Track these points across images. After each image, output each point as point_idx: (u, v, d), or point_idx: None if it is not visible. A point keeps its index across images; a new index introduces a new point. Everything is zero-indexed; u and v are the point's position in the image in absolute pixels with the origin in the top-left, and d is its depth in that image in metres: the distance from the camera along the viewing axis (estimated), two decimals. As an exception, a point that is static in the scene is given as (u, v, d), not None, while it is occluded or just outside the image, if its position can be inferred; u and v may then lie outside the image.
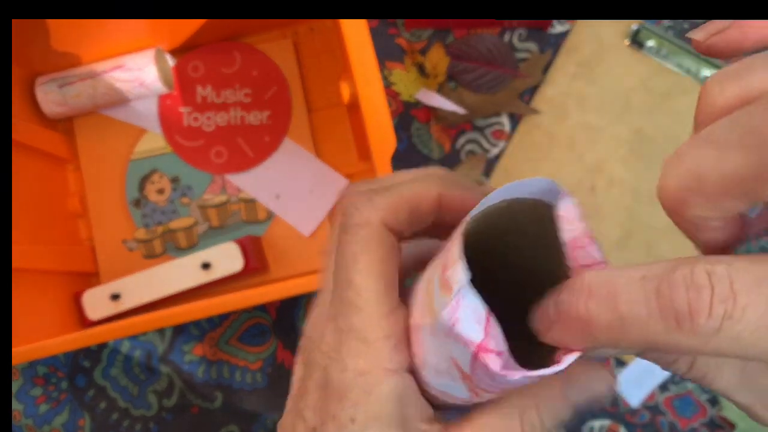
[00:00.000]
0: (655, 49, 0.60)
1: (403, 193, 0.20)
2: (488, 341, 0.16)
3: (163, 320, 0.44)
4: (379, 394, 0.19)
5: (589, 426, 0.58)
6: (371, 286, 0.20)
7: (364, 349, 0.19)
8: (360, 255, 0.20)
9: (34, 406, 0.60)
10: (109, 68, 0.59)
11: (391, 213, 0.20)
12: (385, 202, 0.20)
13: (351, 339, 0.20)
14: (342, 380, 0.20)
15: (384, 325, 0.20)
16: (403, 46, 0.62)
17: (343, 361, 0.20)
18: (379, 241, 0.20)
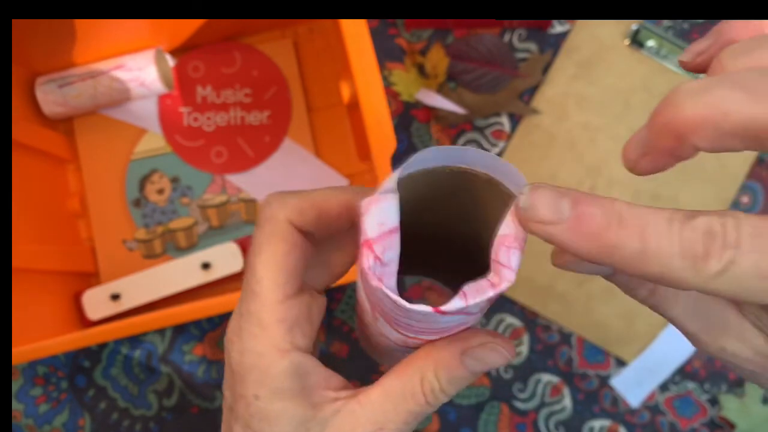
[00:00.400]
0: (655, 49, 0.60)
1: (313, 197, 0.22)
2: (378, 244, 0.18)
3: (163, 320, 0.44)
4: (277, 371, 0.21)
5: (589, 426, 0.58)
6: (269, 275, 0.21)
7: (259, 332, 0.21)
8: (263, 246, 0.22)
9: (34, 406, 0.60)
10: (109, 68, 0.59)
11: (297, 212, 0.22)
12: (293, 202, 0.22)
13: (249, 323, 0.22)
14: (242, 362, 0.22)
15: (278, 309, 0.21)
16: (403, 46, 0.62)
17: (242, 343, 0.22)
18: (282, 236, 0.22)
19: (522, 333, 0.59)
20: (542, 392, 0.58)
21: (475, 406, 0.58)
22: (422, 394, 0.22)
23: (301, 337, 0.22)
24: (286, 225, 0.22)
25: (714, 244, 0.15)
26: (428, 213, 0.23)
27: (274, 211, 0.22)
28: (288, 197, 0.22)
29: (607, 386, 0.58)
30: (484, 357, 0.21)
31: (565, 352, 0.58)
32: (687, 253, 0.15)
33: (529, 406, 0.58)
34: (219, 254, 0.56)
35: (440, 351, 0.22)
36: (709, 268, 0.15)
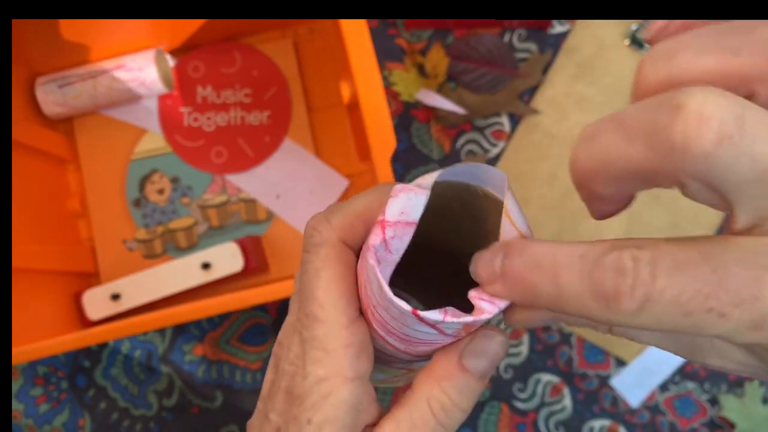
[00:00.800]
0: (655, 49, 0.60)
1: (356, 209, 0.22)
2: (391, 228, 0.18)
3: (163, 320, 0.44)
4: (336, 399, 0.21)
5: (589, 426, 0.58)
6: (332, 300, 0.21)
7: (324, 357, 0.21)
8: (321, 272, 0.22)
9: (34, 406, 0.60)
10: (110, 68, 0.59)
11: (347, 230, 0.22)
12: (340, 220, 0.22)
13: (314, 348, 0.21)
14: (304, 386, 0.21)
15: (344, 335, 0.21)
16: (403, 46, 0.62)
17: (305, 368, 0.22)
18: (338, 259, 0.22)
19: (522, 333, 0.59)
20: (542, 392, 0.58)
21: (475, 406, 0.58)
22: (432, 416, 0.21)
23: (365, 363, 0.22)
24: (340, 246, 0.22)
25: (624, 282, 0.14)
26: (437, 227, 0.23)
27: (324, 234, 0.22)
28: (332, 216, 0.22)
29: (607, 386, 0.58)
30: (482, 348, 0.21)
31: (565, 352, 0.58)
32: (597, 294, 0.14)
33: (529, 406, 0.58)
34: (219, 254, 0.56)
35: (438, 365, 0.21)
36: (623, 307, 0.14)
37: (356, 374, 0.21)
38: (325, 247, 0.22)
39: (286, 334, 0.23)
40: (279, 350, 0.23)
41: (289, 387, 0.22)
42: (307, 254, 0.22)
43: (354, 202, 0.22)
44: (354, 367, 0.21)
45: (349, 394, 0.21)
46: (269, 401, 0.23)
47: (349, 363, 0.21)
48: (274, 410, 0.23)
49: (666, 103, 0.13)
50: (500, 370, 0.59)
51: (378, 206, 0.22)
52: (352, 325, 0.21)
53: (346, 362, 0.21)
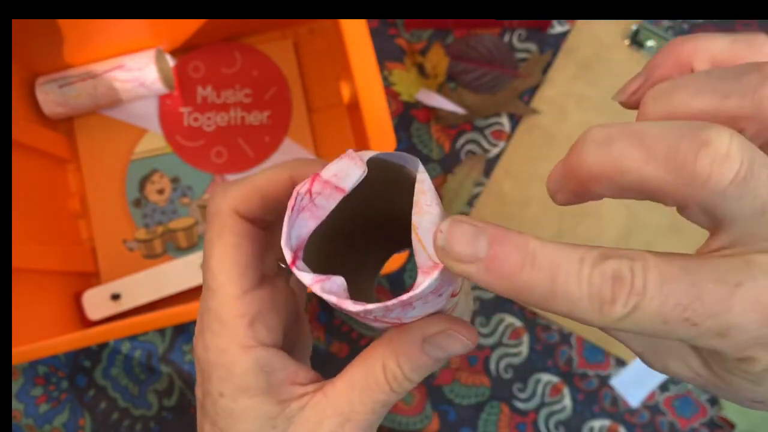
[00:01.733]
0: (655, 49, 0.60)
1: (255, 182, 0.22)
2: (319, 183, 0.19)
3: (164, 320, 0.44)
4: (240, 369, 0.21)
5: (589, 426, 0.58)
6: (224, 271, 0.21)
7: (220, 328, 0.21)
8: (214, 241, 0.22)
9: (34, 406, 0.60)
10: (110, 68, 0.59)
11: (242, 201, 0.22)
12: (236, 192, 0.22)
13: (210, 320, 0.22)
14: (207, 359, 0.22)
15: (237, 305, 0.21)
16: (403, 46, 0.62)
17: (204, 340, 0.22)
18: (230, 229, 0.22)
19: (522, 333, 0.59)
20: (542, 392, 0.58)
21: (475, 406, 0.58)
22: (386, 383, 0.22)
23: (265, 331, 0.22)
24: (232, 216, 0.22)
25: (621, 289, 0.15)
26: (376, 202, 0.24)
27: (218, 204, 0.22)
28: (230, 187, 0.22)
29: (607, 386, 0.58)
30: (444, 344, 0.21)
31: (565, 351, 0.58)
32: (594, 298, 0.15)
33: (529, 406, 0.58)
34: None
35: (401, 338, 0.21)
36: (615, 312, 0.15)
37: (256, 342, 0.21)
38: (217, 217, 0.22)
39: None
40: None
41: (198, 360, 0.22)
42: (206, 224, 0.22)
43: (257, 176, 0.22)
44: (250, 335, 0.21)
45: (253, 362, 0.21)
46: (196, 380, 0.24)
47: (244, 332, 0.21)
48: (197, 385, 0.23)
49: (692, 133, 0.15)
50: (500, 370, 0.59)
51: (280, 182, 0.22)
52: (245, 296, 0.21)
53: (241, 332, 0.21)
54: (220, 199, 0.22)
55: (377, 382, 0.22)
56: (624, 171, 0.15)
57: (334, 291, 0.18)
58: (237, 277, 0.21)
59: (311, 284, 0.18)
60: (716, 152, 0.14)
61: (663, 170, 0.15)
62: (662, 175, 0.15)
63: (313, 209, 0.19)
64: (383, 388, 0.22)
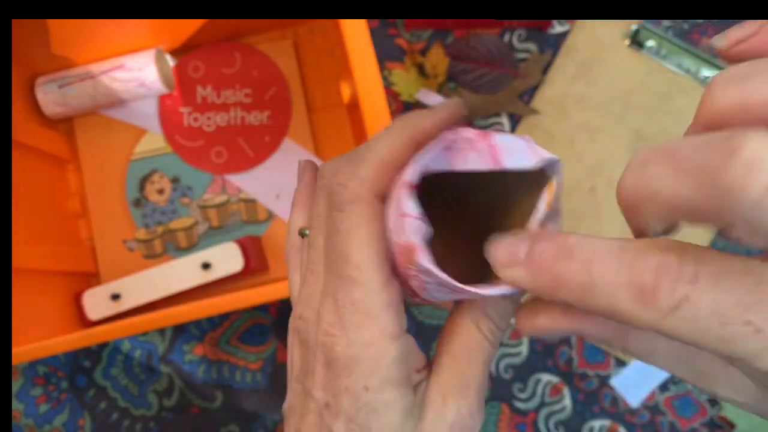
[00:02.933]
0: (655, 49, 0.60)
1: (383, 155, 0.21)
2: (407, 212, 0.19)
3: (164, 320, 0.44)
4: (389, 360, 0.20)
5: (589, 426, 0.58)
6: (369, 260, 0.20)
7: (366, 321, 0.20)
8: (356, 230, 0.20)
9: (34, 406, 0.60)
10: (110, 68, 0.59)
11: (378, 181, 0.21)
12: (369, 172, 0.21)
13: (353, 313, 0.20)
14: (349, 355, 0.20)
15: (384, 295, 0.20)
16: (403, 46, 0.62)
17: (347, 336, 0.20)
18: (373, 215, 0.20)
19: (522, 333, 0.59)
20: (542, 392, 0.58)
21: (475, 406, 0.58)
22: (485, 338, 0.22)
23: (404, 316, 0.21)
24: (373, 201, 0.20)
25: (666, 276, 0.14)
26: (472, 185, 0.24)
27: (356, 189, 0.20)
28: (358, 169, 0.21)
29: (607, 386, 0.58)
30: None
31: (565, 352, 0.58)
32: (634, 285, 0.14)
33: (529, 406, 0.58)
34: (219, 254, 0.56)
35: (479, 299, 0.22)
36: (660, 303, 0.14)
37: (400, 330, 0.21)
38: (358, 204, 0.20)
39: (308, 305, 0.22)
40: (302, 324, 0.22)
41: (329, 359, 0.21)
42: (337, 213, 0.21)
43: (378, 146, 0.21)
44: (397, 323, 0.21)
45: (399, 352, 0.21)
46: (307, 379, 0.22)
47: (392, 321, 0.21)
48: (316, 386, 0.21)
49: (721, 144, 0.13)
50: (500, 370, 0.59)
51: (403, 148, 0.21)
52: (389, 283, 0.21)
53: (389, 321, 0.20)
54: (356, 183, 0.20)
55: (478, 342, 0.22)
56: (657, 193, 0.14)
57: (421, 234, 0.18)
58: (381, 265, 0.20)
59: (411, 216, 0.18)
60: (746, 160, 0.12)
61: (693, 188, 0.13)
62: (692, 193, 0.13)
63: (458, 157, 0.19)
64: (484, 345, 0.22)
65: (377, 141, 0.21)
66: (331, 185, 0.21)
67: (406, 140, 0.21)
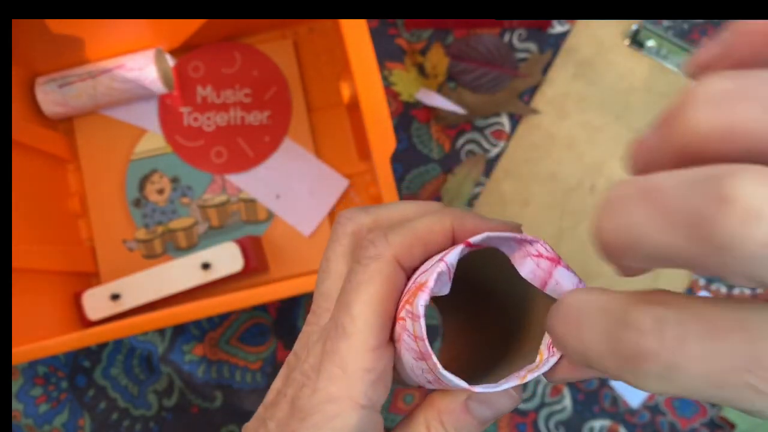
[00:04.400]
0: (655, 49, 0.60)
1: (417, 230, 0.21)
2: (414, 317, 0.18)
3: (163, 320, 0.44)
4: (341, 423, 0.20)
5: (589, 426, 0.58)
6: (366, 318, 0.20)
7: (341, 376, 0.20)
8: (365, 285, 0.20)
9: (34, 406, 0.60)
10: (110, 68, 0.59)
11: (406, 249, 0.20)
12: (400, 239, 0.20)
13: (332, 363, 0.20)
14: (311, 402, 0.20)
15: (368, 357, 0.20)
16: (403, 46, 0.62)
17: (317, 382, 0.20)
18: (387, 277, 0.20)
19: (522, 333, 0.59)
20: (542, 392, 0.58)
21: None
22: None
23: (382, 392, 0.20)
24: (392, 264, 0.20)
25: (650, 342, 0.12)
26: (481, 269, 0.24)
27: (380, 249, 0.20)
28: (391, 233, 0.21)
29: (607, 386, 0.58)
30: (492, 399, 0.20)
31: (565, 352, 0.58)
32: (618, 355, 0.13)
33: (529, 406, 0.58)
34: (219, 254, 0.56)
35: (444, 398, 0.21)
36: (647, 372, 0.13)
37: (369, 402, 0.20)
38: (377, 262, 0.20)
39: (302, 343, 0.22)
40: (293, 360, 0.22)
41: (294, 398, 0.21)
42: (356, 264, 0.21)
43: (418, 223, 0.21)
44: (369, 394, 0.20)
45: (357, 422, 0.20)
46: (271, 408, 0.22)
47: (365, 389, 0.20)
48: (273, 419, 0.21)
49: (711, 187, 0.11)
50: (500, 370, 0.59)
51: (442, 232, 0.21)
52: (378, 350, 0.20)
53: (362, 387, 0.20)
54: (383, 245, 0.20)
55: None
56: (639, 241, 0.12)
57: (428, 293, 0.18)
58: (378, 328, 0.20)
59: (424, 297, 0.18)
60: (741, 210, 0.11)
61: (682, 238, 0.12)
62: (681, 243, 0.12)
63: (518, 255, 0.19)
64: None
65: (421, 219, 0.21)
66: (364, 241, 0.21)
67: (447, 229, 0.21)
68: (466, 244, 0.18)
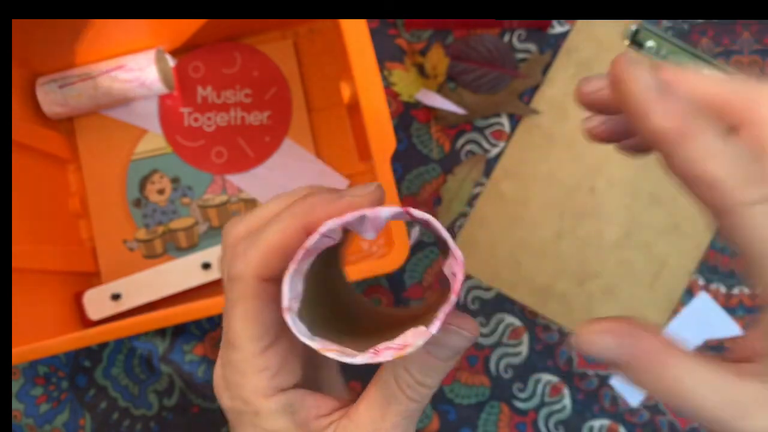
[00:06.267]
0: (655, 49, 0.60)
1: (271, 241, 0.21)
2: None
3: (164, 320, 0.44)
4: (266, 413, 0.22)
5: (588, 426, 0.58)
6: (245, 331, 0.22)
7: (243, 381, 0.22)
8: (236, 304, 0.22)
9: (34, 406, 0.60)
10: (110, 68, 0.59)
11: (263, 265, 0.22)
12: (255, 255, 0.21)
13: (233, 372, 0.23)
14: (233, 408, 0.23)
15: (259, 361, 0.22)
16: (403, 46, 0.62)
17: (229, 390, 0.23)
18: (252, 295, 0.22)
19: (522, 333, 0.59)
20: (542, 392, 0.58)
21: (474, 406, 0.58)
22: (401, 392, 0.22)
23: (287, 377, 0.23)
24: (253, 282, 0.22)
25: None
26: None
27: (239, 269, 0.22)
28: (248, 250, 0.22)
29: (606, 386, 0.58)
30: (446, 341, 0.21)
31: (565, 351, 0.58)
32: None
33: (529, 405, 0.58)
34: (219, 254, 0.56)
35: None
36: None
37: (278, 389, 0.22)
38: (239, 283, 0.22)
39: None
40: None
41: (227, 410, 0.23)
42: (227, 283, 0.22)
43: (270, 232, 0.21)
44: (272, 385, 0.22)
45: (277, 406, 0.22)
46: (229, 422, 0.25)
47: (267, 384, 0.22)
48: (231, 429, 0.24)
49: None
50: (500, 369, 0.59)
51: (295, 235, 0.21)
52: (266, 352, 0.22)
53: (262, 384, 0.22)
54: (242, 264, 0.22)
55: (393, 394, 0.22)
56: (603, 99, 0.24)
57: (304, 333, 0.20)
58: (258, 336, 0.22)
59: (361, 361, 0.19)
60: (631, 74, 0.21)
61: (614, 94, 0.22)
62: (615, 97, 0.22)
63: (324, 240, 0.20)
64: (400, 399, 0.22)
65: (270, 227, 0.22)
66: (228, 256, 0.23)
67: (299, 229, 0.22)
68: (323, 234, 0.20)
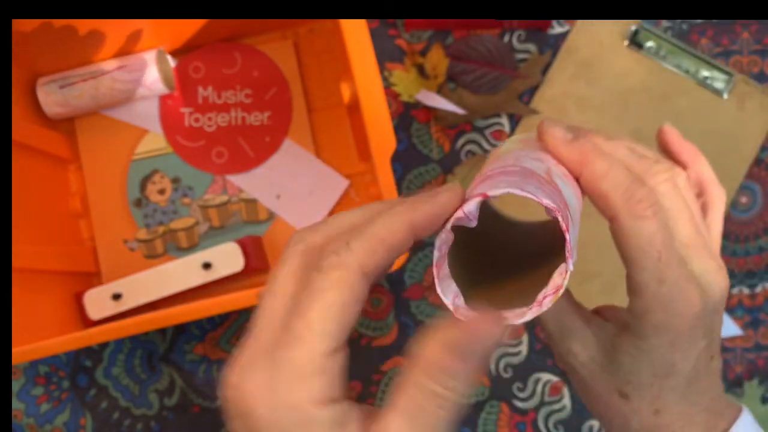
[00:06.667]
0: (654, 49, 0.60)
1: (378, 234, 0.21)
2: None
3: (164, 320, 0.44)
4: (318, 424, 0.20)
5: (588, 425, 0.58)
6: (322, 323, 0.20)
7: (297, 383, 0.20)
8: (325, 292, 0.20)
9: (35, 406, 0.60)
10: (111, 69, 0.59)
11: (369, 255, 0.20)
12: (362, 246, 0.20)
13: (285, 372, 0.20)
14: (274, 419, 0.20)
15: (324, 363, 0.20)
16: (403, 47, 0.62)
17: (273, 396, 0.20)
18: (350, 285, 0.20)
19: (522, 333, 0.59)
20: (542, 391, 0.58)
21: (474, 406, 0.59)
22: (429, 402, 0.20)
23: (341, 388, 0.20)
24: (357, 275, 0.20)
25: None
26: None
27: (343, 257, 0.20)
28: (353, 241, 0.20)
29: (606, 386, 0.58)
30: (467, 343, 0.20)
31: (565, 351, 0.59)
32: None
33: (528, 405, 0.58)
34: (220, 254, 0.56)
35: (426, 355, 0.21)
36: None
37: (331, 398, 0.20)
38: (339, 271, 0.20)
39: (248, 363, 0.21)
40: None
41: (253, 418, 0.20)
42: (316, 273, 0.20)
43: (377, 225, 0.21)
44: (328, 394, 0.20)
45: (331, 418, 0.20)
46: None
47: (323, 391, 0.20)
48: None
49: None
50: (500, 369, 0.59)
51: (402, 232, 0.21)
52: (334, 354, 0.20)
53: (320, 389, 0.20)
54: (346, 254, 0.20)
55: (422, 406, 0.20)
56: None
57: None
58: (333, 334, 0.20)
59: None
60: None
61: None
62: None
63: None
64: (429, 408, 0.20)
65: (376, 222, 0.21)
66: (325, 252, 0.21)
67: (405, 225, 0.21)
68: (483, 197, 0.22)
